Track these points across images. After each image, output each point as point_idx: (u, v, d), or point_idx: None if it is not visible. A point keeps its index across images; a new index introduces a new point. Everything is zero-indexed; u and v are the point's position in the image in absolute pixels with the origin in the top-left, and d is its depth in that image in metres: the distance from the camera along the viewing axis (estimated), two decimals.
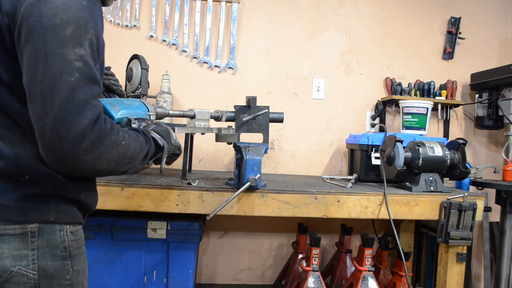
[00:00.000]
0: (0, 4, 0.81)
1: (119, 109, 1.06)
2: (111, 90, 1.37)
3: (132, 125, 1.08)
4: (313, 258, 2.02)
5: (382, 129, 2.57)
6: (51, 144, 0.77)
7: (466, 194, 1.77)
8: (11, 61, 0.83)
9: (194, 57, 2.54)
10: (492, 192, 2.40)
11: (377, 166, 2.17)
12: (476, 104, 2.67)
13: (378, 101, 2.62)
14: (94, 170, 0.83)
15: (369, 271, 2.00)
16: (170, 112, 1.50)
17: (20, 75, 0.81)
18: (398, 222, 2.54)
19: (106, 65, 1.07)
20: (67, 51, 0.78)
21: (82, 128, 0.77)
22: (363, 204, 1.71)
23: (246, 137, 1.91)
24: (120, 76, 1.68)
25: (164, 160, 1.11)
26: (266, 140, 1.72)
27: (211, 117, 1.64)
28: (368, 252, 2.05)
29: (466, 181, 2.27)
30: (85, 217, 1.02)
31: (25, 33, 0.78)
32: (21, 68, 0.81)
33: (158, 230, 1.78)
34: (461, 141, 1.89)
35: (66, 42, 0.78)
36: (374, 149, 2.20)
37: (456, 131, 2.78)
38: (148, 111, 1.19)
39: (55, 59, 0.77)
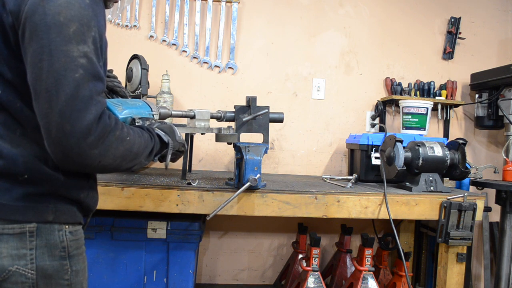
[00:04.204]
0: (4, 3, 0.81)
1: (123, 109, 1.07)
2: (114, 92, 1.38)
3: (136, 124, 1.08)
4: (313, 258, 2.02)
5: (382, 129, 2.58)
6: (57, 139, 0.78)
7: (466, 194, 1.77)
8: (15, 60, 0.83)
9: (194, 57, 2.55)
10: (492, 192, 2.40)
11: (377, 166, 2.17)
12: (476, 104, 2.67)
13: (378, 101, 2.62)
14: (100, 166, 0.84)
15: (369, 271, 2.00)
16: (173, 112, 1.51)
17: (24, 74, 0.82)
18: (398, 222, 2.54)
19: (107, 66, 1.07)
20: (71, 48, 0.79)
21: (87, 124, 0.78)
22: (363, 204, 1.71)
23: (246, 137, 1.91)
24: (120, 76, 1.68)
25: (169, 156, 1.11)
26: (266, 140, 1.72)
27: (212, 117, 1.64)
28: (368, 252, 2.05)
29: (466, 181, 2.27)
30: (88, 217, 1.02)
31: (29, 31, 0.79)
32: (25, 66, 0.81)
33: (158, 230, 1.78)
34: (461, 141, 1.89)
35: (70, 39, 0.79)
36: (374, 149, 2.20)
37: (456, 131, 2.78)
38: (152, 110, 1.20)
39: (59, 56, 0.78)
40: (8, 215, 0.83)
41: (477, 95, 2.65)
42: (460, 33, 2.72)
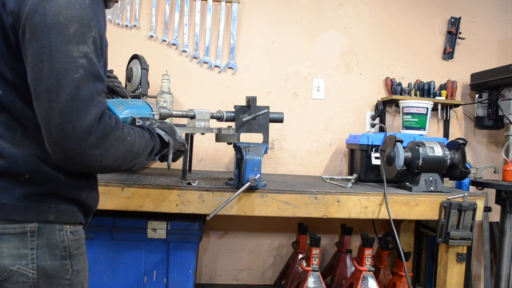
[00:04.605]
0: (4, 3, 0.82)
1: (124, 109, 1.07)
2: (115, 92, 1.38)
3: (137, 124, 1.08)
4: (313, 258, 2.02)
5: (382, 129, 2.58)
6: (58, 140, 0.78)
7: (466, 194, 1.77)
8: (15, 60, 0.83)
9: (194, 57, 2.55)
10: (492, 192, 2.40)
11: (377, 166, 2.17)
12: (476, 104, 2.67)
13: (378, 101, 2.62)
14: (101, 166, 0.84)
15: (369, 271, 2.00)
16: (173, 112, 1.51)
17: (24, 74, 0.82)
18: (398, 222, 2.54)
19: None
20: (71, 48, 0.79)
21: (88, 124, 0.78)
22: (363, 204, 1.71)
23: (246, 137, 1.91)
24: (120, 76, 1.69)
25: (171, 156, 1.11)
26: (266, 140, 1.72)
27: (212, 117, 1.64)
28: (368, 252, 2.05)
29: (466, 181, 2.27)
30: (89, 217, 1.02)
31: (29, 32, 0.79)
32: (25, 67, 0.81)
33: (158, 230, 1.78)
34: (461, 141, 1.89)
35: (70, 39, 0.79)
36: (374, 149, 2.20)
37: (456, 131, 2.78)
38: (152, 110, 1.20)
39: (59, 56, 0.78)
40: (9, 215, 0.83)
41: (477, 95, 2.65)
42: (460, 33, 2.72)
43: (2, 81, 0.84)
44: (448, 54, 2.74)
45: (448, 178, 2.03)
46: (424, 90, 2.63)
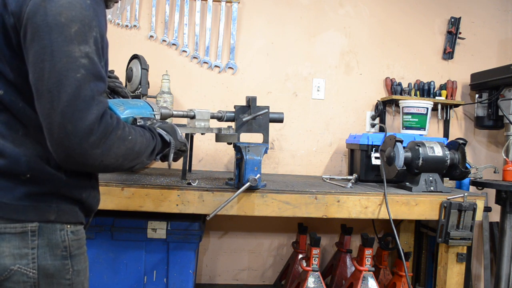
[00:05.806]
0: (6, 4, 0.82)
1: (125, 109, 1.07)
2: (116, 92, 1.38)
3: (138, 124, 1.08)
4: (313, 258, 2.02)
5: (382, 129, 2.58)
6: (59, 139, 0.78)
7: (466, 194, 1.77)
8: (17, 60, 0.84)
9: (194, 57, 2.55)
10: (492, 192, 2.40)
11: (377, 166, 2.17)
12: (476, 104, 2.67)
13: (378, 101, 2.62)
14: (102, 165, 0.84)
15: (369, 271, 2.00)
16: (174, 112, 1.51)
17: (26, 74, 0.82)
18: (398, 222, 2.54)
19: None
20: (72, 48, 0.79)
21: (89, 123, 0.78)
22: (363, 204, 1.71)
23: (246, 137, 1.92)
24: (120, 76, 1.69)
25: (172, 155, 1.11)
26: (266, 140, 1.72)
27: (212, 117, 1.64)
28: (368, 252, 2.05)
29: (466, 181, 2.27)
30: (90, 217, 1.02)
31: (31, 32, 0.79)
32: (27, 67, 0.82)
33: (158, 230, 1.78)
34: (461, 141, 1.89)
35: (71, 39, 0.79)
36: (374, 149, 2.20)
37: (456, 131, 2.78)
38: (153, 110, 1.20)
39: (61, 56, 0.78)
40: (11, 214, 0.83)
41: (477, 95, 2.65)
42: (460, 33, 2.72)
43: (4, 81, 0.85)
44: (448, 54, 2.74)
45: (448, 178, 2.03)
46: (424, 90, 2.63)
